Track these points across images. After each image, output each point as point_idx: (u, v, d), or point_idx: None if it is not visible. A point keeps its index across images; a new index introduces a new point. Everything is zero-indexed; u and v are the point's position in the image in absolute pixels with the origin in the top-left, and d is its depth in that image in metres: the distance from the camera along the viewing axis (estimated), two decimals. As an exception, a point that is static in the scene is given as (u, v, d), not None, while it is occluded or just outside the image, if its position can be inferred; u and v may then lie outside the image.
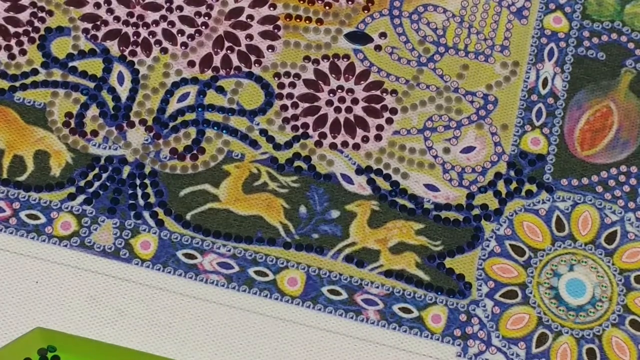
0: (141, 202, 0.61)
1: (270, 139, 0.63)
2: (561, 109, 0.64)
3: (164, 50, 0.65)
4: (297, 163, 0.62)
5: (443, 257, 0.60)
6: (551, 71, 0.65)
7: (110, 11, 0.65)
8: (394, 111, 0.64)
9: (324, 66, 0.65)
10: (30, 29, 0.65)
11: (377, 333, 0.59)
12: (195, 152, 0.62)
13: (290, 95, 0.64)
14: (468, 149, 0.63)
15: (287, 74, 0.65)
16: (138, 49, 0.65)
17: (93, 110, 0.63)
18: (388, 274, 0.60)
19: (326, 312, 0.59)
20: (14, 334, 0.56)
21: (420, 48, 0.65)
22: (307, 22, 0.66)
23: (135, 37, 0.65)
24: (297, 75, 0.64)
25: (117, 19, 0.65)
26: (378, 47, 0.65)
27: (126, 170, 0.62)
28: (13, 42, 0.64)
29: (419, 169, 0.62)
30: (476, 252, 0.60)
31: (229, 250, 0.60)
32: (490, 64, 0.65)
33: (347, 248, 0.60)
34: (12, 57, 0.64)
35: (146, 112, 0.63)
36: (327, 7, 0.66)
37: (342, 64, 0.65)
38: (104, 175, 0.61)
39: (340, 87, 0.64)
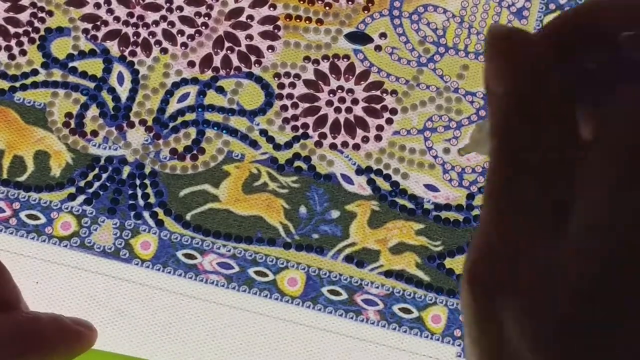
0: (141, 202, 0.61)
1: (270, 139, 0.63)
2: (561, 109, 0.64)
3: (164, 51, 0.65)
4: (297, 163, 0.62)
5: (443, 258, 0.60)
6: (551, 71, 0.65)
7: (110, 11, 0.65)
8: (394, 111, 0.64)
9: (324, 66, 0.65)
10: (30, 29, 0.65)
11: (377, 333, 0.59)
12: (195, 152, 0.62)
13: (290, 96, 0.64)
14: (468, 149, 0.63)
15: (287, 74, 0.64)
16: (138, 49, 0.65)
17: (93, 111, 0.63)
18: (388, 274, 0.60)
19: (326, 312, 0.59)
20: (14, 334, 0.56)
21: (420, 48, 0.65)
22: (307, 22, 0.66)
23: (135, 37, 0.65)
24: (297, 76, 0.64)
25: (117, 19, 0.65)
26: (378, 48, 0.65)
27: (126, 170, 0.62)
28: (13, 42, 0.64)
29: (419, 169, 0.62)
30: (476, 253, 0.60)
31: (229, 251, 0.60)
32: (490, 64, 0.65)
33: (347, 248, 0.60)
34: (12, 57, 0.64)
35: (146, 112, 0.63)
36: (327, 8, 0.66)
37: (342, 64, 0.65)
38: (104, 176, 0.61)
39: (340, 88, 0.64)
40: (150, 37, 0.65)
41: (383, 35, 0.66)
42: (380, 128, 0.63)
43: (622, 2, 0.24)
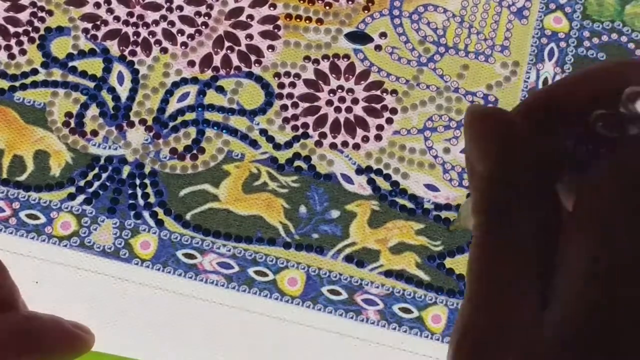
0: (141, 202, 0.61)
1: (270, 139, 0.63)
2: (561, 109, 0.64)
3: (164, 50, 0.65)
4: (297, 163, 0.62)
5: (443, 257, 0.60)
6: (551, 71, 0.65)
7: (110, 11, 0.65)
8: (394, 111, 0.64)
9: (324, 66, 0.65)
10: (30, 28, 0.65)
11: (377, 333, 0.58)
12: (195, 152, 0.62)
13: (290, 95, 0.64)
14: (468, 149, 0.63)
15: (287, 74, 0.64)
16: (138, 49, 0.65)
17: (93, 110, 0.63)
18: (388, 274, 0.60)
19: (326, 312, 0.59)
20: (14, 334, 0.56)
21: (420, 48, 0.65)
22: (307, 22, 0.66)
23: (135, 37, 0.65)
24: (297, 75, 0.64)
25: (117, 18, 0.65)
26: (378, 47, 0.65)
27: (126, 170, 0.61)
28: (13, 42, 0.64)
29: (419, 169, 0.62)
30: (476, 252, 0.60)
31: (229, 250, 0.60)
32: (490, 64, 0.65)
33: (347, 248, 0.60)
34: (12, 57, 0.64)
35: (146, 111, 0.63)
36: (327, 7, 0.66)
37: (342, 64, 0.65)
38: (104, 175, 0.61)
39: (341, 87, 0.64)
40: (150, 36, 0.65)
41: (383, 34, 0.66)
42: (380, 128, 0.63)
43: (591, 85, 0.25)
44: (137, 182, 0.61)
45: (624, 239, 0.22)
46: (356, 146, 0.63)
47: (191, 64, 0.64)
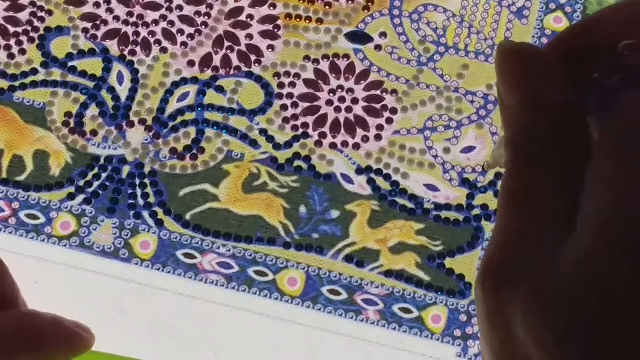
0: (141, 202, 0.61)
1: (270, 139, 0.63)
2: (561, 109, 0.64)
3: (164, 50, 0.65)
4: (297, 163, 0.62)
5: (443, 257, 0.60)
6: (551, 71, 0.65)
7: (109, 11, 0.65)
8: (394, 111, 0.64)
9: (324, 66, 0.65)
10: (29, 28, 0.65)
11: (377, 333, 0.58)
12: (195, 151, 0.62)
13: (290, 95, 0.64)
14: (468, 149, 0.63)
15: (287, 74, 0.64)
16: (138, 49, 0.65)
17: (92, 110, 0.63)
18: (388, 274, 0.60)
19: (326, 312, 0.59)
20: (14, 334, 0.56)
21: (420, 48, 0.65)
22: (307, 21, 0.66)
23: (135, 36, 0.65)
24: (297, 75, 0.64)
25: (116, 18, 0.65)
26: (378, 47, 0.65)
27: (126, 170, 0.61)
28: (12, 41, 0.64)
29: (419, 169, 0.62)
30: (476, 252, 0.60)
31: (229, 250, 0.60)
32: (490, 64, 0.65)
33: (347, 248, 0.60)
34: (11, 56, 0.64)
35: (146, 111, 0.63)
36: (327, 7, 0.66)
37: (342, 64, 0.65)
38: (104, 175, 0.61)
39: (341, 87, 0.64)
40: (150, 36, 0.65)
41: (383, 34, 0.66)
42: (380, 127, 0.63)
43: (621, 17, 0.26)
44: (137, 182, 0.61)
45: None
46: (356, 146, 0.63)
47: (191, 63, 0.64)
